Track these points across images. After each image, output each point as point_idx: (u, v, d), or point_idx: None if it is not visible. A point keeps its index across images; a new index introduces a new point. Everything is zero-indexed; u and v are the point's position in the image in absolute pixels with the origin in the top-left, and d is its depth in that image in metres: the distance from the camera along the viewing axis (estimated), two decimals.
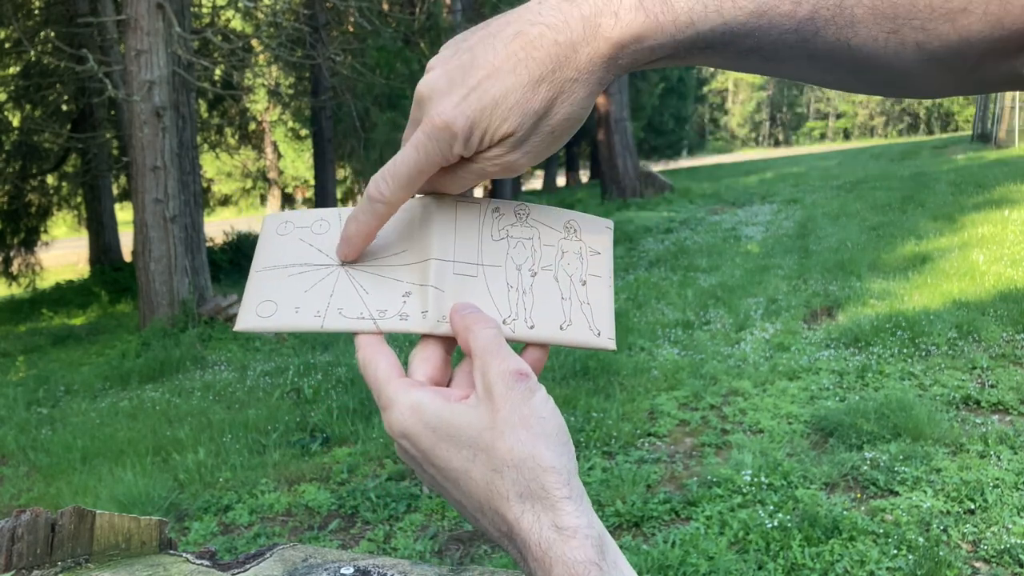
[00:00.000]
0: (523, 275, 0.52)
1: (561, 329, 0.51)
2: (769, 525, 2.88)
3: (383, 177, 0.48)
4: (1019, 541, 2.65)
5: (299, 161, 25.69)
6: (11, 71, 12.90)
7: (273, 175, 22.02)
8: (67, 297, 13.03)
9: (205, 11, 13.00)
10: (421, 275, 0.51)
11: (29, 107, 12.98)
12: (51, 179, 14.53)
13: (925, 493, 3.07)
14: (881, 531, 2.80)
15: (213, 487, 3.79)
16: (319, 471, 3.87)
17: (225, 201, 22.76)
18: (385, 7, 11.66)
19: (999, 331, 4.88)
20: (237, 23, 14.48)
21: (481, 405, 0.44)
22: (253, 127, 18.78)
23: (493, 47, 0.45)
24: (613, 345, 0.53)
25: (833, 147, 44.92)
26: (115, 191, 15.99)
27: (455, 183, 0.50)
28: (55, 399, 6.08)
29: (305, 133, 18.91)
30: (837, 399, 4.15)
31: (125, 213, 17.50)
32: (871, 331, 5.12)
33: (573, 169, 30.82)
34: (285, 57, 10.78)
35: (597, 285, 0.53)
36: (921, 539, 2.71)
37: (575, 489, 0.42)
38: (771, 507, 3.04)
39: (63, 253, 19.40)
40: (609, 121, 16.84)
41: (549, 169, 28.20)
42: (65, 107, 13.69)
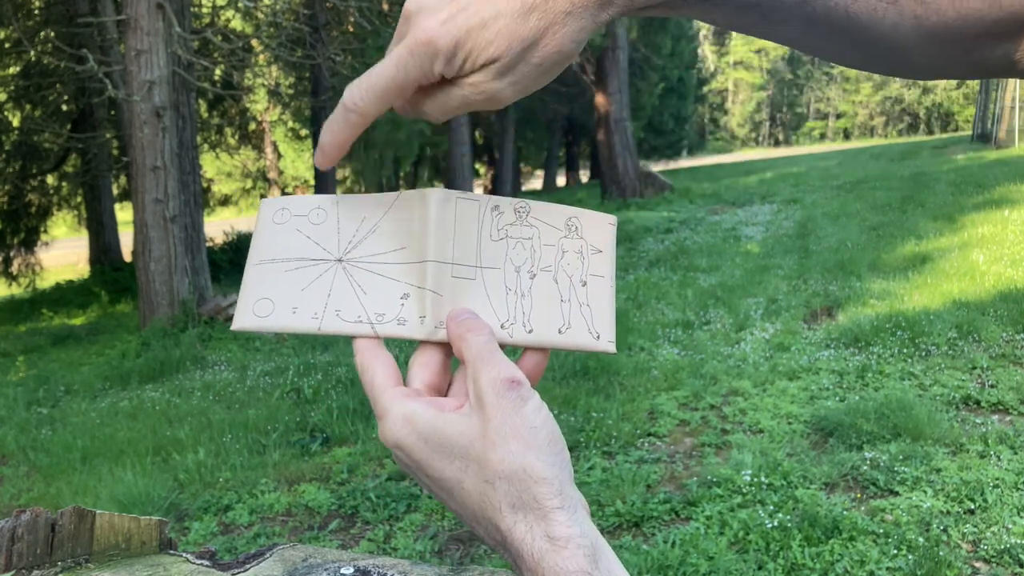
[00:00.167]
0: (522, 277, 0.51)
1: (560, 333, 0.51)
2: (769, 525, 2.88)
3: (359, 87, 0.47)
4: (1019, 541, 2.65)
5: (299, 161, 25.69)
6: (11, 71, 12.89)
7: (273, 175, 22.02)
8: (67, 297, 13.03)
9: (205, 11, 13.00)
10: (419, 277, 0.50)
11: (29, 107, 12.98)
12: (51, 179, 14.53)
13: (925, 493, 3.07)
14: (881, 531, 2.80)
15: (213, 487, 3.79)
16: (319, 471, 3.87)
17: (225, 201, 22.76)
18: (385, 7, 11.65)
19: (999, 331, 4.88)
20: (237, 23, 14.48)
21: (473, 415, 0.44)
22: (253, 127, 18.79)
23: None
24: (613, 348, 0.52)
25: (833, 147, 44.92)
26: (115, 191, 15.99)
27: (435, 107, 0.48)
28: (55, 399, 6.08)
29: (305, 133, 18.91)
30: (837, 399, 4.15)
31: (125, 213, 17.50)
32: (871, 331, 5.12)
33: (573, 169, 30.83)
34: (285, 57, 10.78)
35: (598, 286, 0.53)
36: (921, 539, 2.71)
37: (568, 499, 0.41)
38: (771, 507, 3.03)
39: (63, 253, 19.40)
40: (609, 121, 16.84)
41: (549, 169, 28.21)
42: (65, 107, 13.68)
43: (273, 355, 6.59)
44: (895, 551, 2.68)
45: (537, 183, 30.55)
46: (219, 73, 12.09)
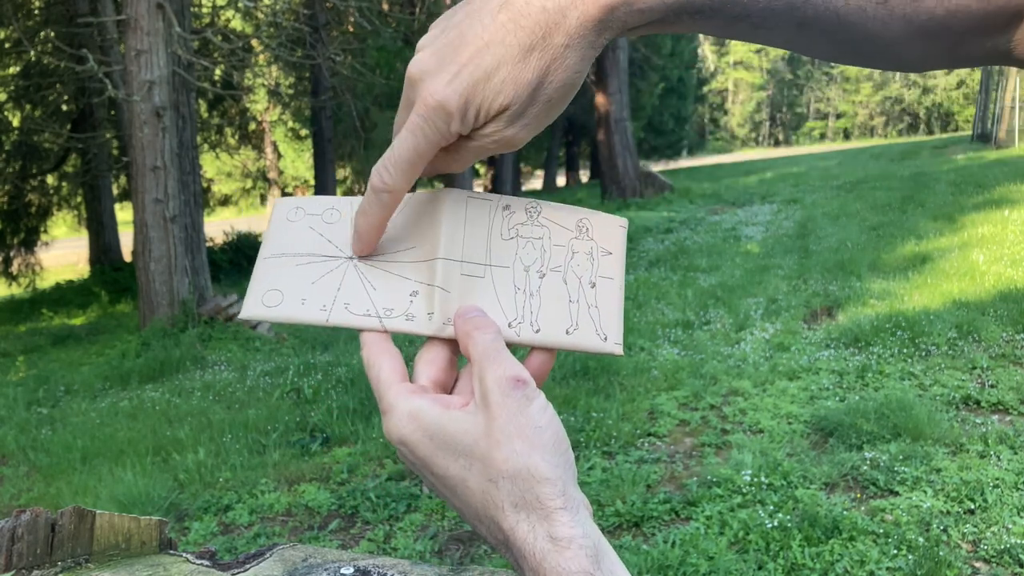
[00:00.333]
0: (531, 277, 0.51)
1: (567, 333, 0.50)
2: (769, 525, 2.88)
3: (385, 166, 0.47)
4: (1019, 541, 2.65)
5: (299, 161, 25.72)
6: (11, 71, 12.90)
7: (273, 175, 22.03)
8: (67, 297, 13.03)
9: (205, 11, 13.00)
10: (429, 274, 0.50)
11: (29, 107, 12.98)
12: (51, 179, 14.54)
13: (925, 493, 3.07)
14: (881, 531, 2.80)
15: (213, 487, 3.79)
16: (319, 471, 3.87)
17: (225, 201, 22.76)
18: (385, 7, 11.66)
19: (999, 331, 4.88)
20: (237, 23, 14.48)
21: (478, 413, 0.44)
22: (253, 127, 18.79)
23: (480, 21, 0.44)
24: (620, 351, 0.52)
25: (833, 147, 44.92)
26: (115, 191, 15.99)
27: (456, 162, 0.49)
28: (55, 399, 6.08)
29: (305, 133, 18.93)
30: (837, 399, 4.15)
31: (125, 213, 17.50)
32: (871, 331, 5.12)
33: (573, 169, 30.82)
34: (285, 57, 10.78)
35: (607, 287, 0.52)
36: (921, 539, 2.71)
37: (571, 499, 0.41)
38: (771, 507, 3.04)
39: (63, 253, 19.41)
40: (609, 121, 16.84)
41: (549, 169, 28.21)
42: (65, 107, 13.69)
43: (273, 355, 6.59)
44: (895, 551, 2.68)
45: (537, 183, 30.55)
46: (219, 73, 12.09)
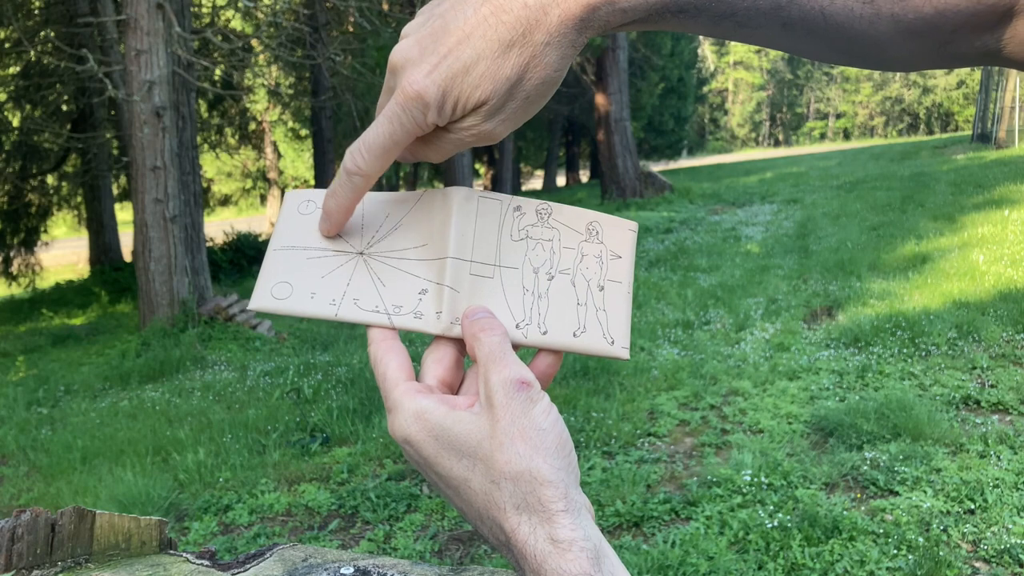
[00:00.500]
0: (540, 278, 0.51)
1: (574, 336, 0.51)
2: (769, 525, 2.88)
3: (359, 149, 0.47)
4: (1019, 541, 2.65)
5: (299, 161, 25.72)
6: (11, 71, 12.90)
7: (273, 175, 22.01)
8: (67, 297, 13.03)
9: (205, 11, 13.00)
10: (438, 273, 0.50)
11: (29, 107, 12.98)
12: (51, 179, 14.54)
13: (925, 493, 3.07)
14: (881, 531, 2.80)
15: (213, 487, 3.79)
16: (319, 471, 3.87)
17: (225, 201, 22.78)
18: (385, 7, 11.65)
19: (999, 331, 4.88)
20: (237, 23, 14.48)
21: (483, 414, 0.44)
22: (253, 127, 18.80)
23: (463, 12, 0.44)
24: (626, 355, 0.52)
25: (833, 147, 44.91)
26: (115, 191, 16.00)
27: (433, 152, 0.49)
28: (55, 399, 6.08)
29: (305, 133, 18.94)
30: (837, 399, 4.15)
31: (125, 213, 17.52)
32: (871, 331, 5.12)
33: (573, 169, 30.83)
34: (285, 57, 10.78)
35: (615, 291, 0.52)
36: (921, 539, 2.71)
37: (572, 502, 0.41)
38: (771, 507, 3.04)
39: (63, 253, 19.41)
40: (609, 121, 16.84)
41: (549, 169, 28.22)
42: (65, 107, 13.69)
43: (273, 355, 6.59)
44: (895, 551, 2.68)
45: (537, 183, 30.56)
46: (219, 73, 12.09)
